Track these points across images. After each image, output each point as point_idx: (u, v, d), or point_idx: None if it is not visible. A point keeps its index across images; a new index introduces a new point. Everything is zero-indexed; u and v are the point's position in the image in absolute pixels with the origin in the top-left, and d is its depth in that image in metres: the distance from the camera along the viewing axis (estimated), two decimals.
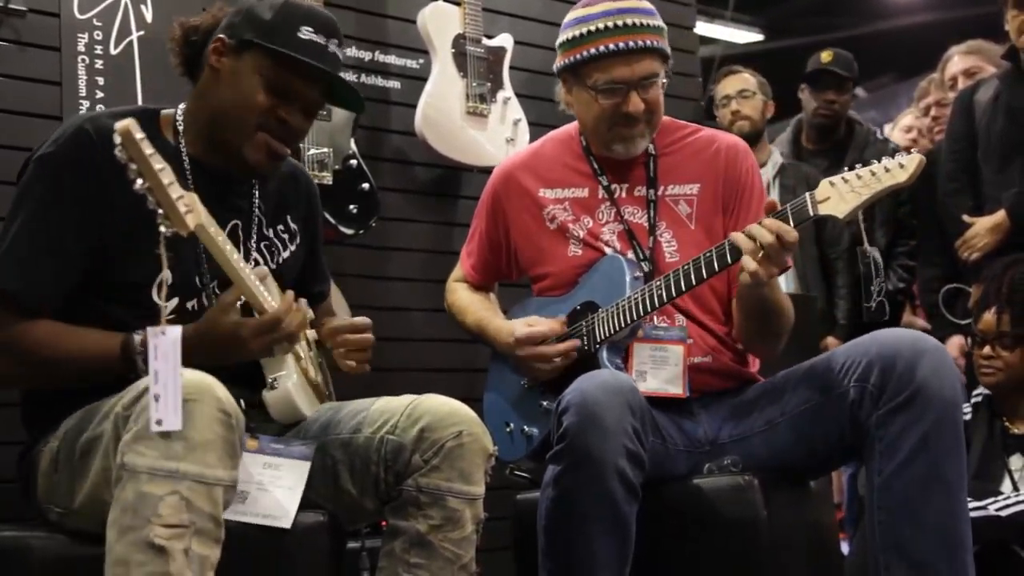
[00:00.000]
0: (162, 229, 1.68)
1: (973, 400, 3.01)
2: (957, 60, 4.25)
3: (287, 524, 1.87)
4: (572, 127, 2.56)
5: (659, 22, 2.38)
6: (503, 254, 2.59)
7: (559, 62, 2.43)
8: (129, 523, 1.62)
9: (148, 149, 1.64)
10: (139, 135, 1.63)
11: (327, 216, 2.97)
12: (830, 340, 3.98)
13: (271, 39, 1.99)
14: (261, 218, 2.15)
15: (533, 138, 3.45)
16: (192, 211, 1.71)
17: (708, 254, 2.22)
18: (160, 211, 1.68)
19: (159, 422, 1.59)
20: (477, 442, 1.95)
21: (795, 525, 2.25)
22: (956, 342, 3.73)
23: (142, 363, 1.80)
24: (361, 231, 3.16)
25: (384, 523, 2.01)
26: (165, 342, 1.61)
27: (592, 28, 2.34)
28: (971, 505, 2.18)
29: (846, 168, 2.13)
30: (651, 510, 2.08)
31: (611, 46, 2.32)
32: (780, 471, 2.23)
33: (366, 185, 3.16)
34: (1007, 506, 2.66)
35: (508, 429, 2.45)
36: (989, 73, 3.93)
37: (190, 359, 1.67)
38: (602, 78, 2.34)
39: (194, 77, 2.10)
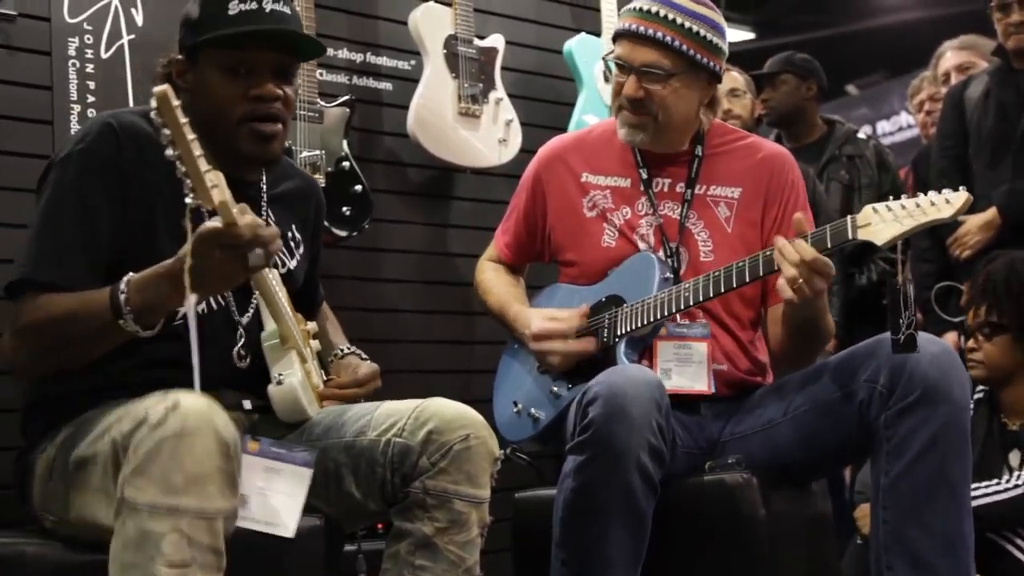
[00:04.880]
0: (188, 200, 1.68)
1: (975, 396, 3.02)
2: (950, 55, 4.24)
3: (289, 533, 1.86)
4: None
5: (693, 24, 2.33)
6: (538, 234, 2.59)
7: None
8: (132, 560, 1.61)
9: (183, 117, 1.64)
10: (175, 102, 1.63)
11: None
12: None
13: (205, 31, 1.99)
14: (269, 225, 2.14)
15: (525, 138, 3.46)
16: (218, 187, 1.68)
17: (741, 264, 2.20)
18: (188, 181, 1.67)
19: None
20: (484, 445, 1.95)
21: (793, 523, 2.25)
22: (950, 339, 3.72)
23: (124, 304, 1.78)
24: (354, 233, 3.15)
25: (382, 525, 2.01)
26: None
27: (630, 7, 2.40)
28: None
29: (892, 199, 2.10)
30: None
31: (625, 24, 2.37)
32: (777, 471, 2.23)
33: (359, 187, 3.15)
34: (998, 492, 2.72)
35: (516, 409, 2.46)
36: (982, 69, 3.93)
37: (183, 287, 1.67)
38: (614, 54, 2.39)
39: None
